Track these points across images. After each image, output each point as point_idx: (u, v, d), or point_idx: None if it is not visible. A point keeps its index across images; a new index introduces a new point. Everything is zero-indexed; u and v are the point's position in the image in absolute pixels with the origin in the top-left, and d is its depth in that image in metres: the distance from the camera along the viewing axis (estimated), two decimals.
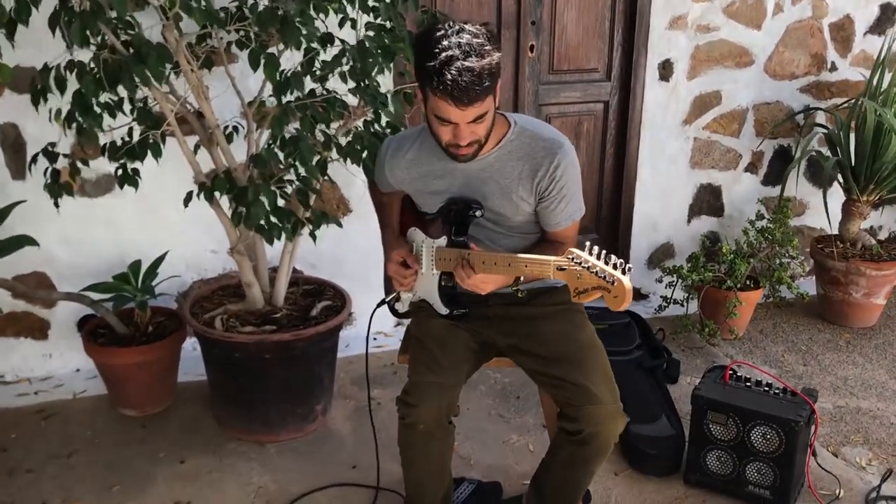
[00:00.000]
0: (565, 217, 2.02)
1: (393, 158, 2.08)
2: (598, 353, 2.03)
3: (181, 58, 2.36)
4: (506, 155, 1.98)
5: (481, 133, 1.86)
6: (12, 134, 2.89)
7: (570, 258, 1.66)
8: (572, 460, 2.01)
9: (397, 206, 2.22)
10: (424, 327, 2.08)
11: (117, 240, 3.05)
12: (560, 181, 1.97)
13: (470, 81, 1.71)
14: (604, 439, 1.94)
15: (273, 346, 2.58)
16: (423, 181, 2.04)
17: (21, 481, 2.52)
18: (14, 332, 3.09)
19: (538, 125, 2.04)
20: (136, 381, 2.80)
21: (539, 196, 1.99)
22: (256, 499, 2.46)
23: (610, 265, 1.62)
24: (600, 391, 1.92)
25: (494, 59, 1.76)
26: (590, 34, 3.54)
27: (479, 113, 1.79)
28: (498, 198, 2.00)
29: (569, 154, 1.99)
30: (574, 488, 2.09)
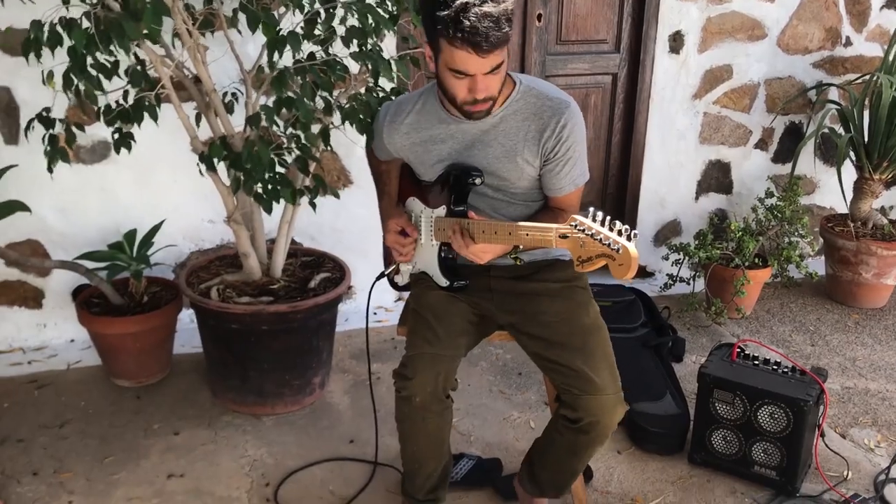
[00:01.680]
0: (569, 181, 1.95)
1: (392, 124, 2.01)
2: (601, 337, 1.96)
3: (178, 18, 2.28)
4: (511, 115, 1.91)
5: (496, 87, 1.79)
6: (5, 98, 2.82)
7: (572, 225, 1.58)
8: (569, 447, 1.95)
9: (396, 174, 2.15)
10: (423, 299, 2.02)
11: (112, 208, 2.99)
12: (567, 142, 1.90)
13: (489, 26, 1.65)
14: (603, 428, 1.88)
15: (270, 318, 2.52)
16: (423, 147, 1.97)
17: (12, 451, 2.48)
18: (8, 301, 3.03)
19: (544, 85, 1.97)
20: (130, 351, 2.74)
21: (544, 158, 1.92)
22: (251, 472, 2.41)
23: (615, 231, 1.54)
24: (602, 379, 1.86)
25: (510, 5, 1.70)
26: (599, 4, 3.45)
27: (497, 62, 1.72)
28: (502, 160, 1.93)
29: (576, 114, 1.92)
30: (569, 473, 2.04)
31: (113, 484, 2.35)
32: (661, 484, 2.42)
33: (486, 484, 2.37)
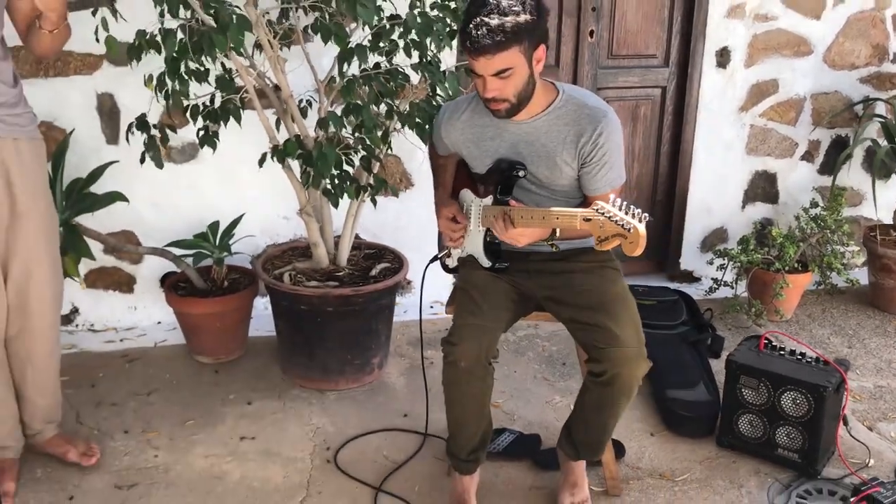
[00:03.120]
0: (605, 183, 2.17)
1: (449, 121, 2.27)
2: (628, 302, 2.17)
3: (261, 31, 2.60)
4: (553, 120, 2.14)
5: (508, 91, 2.01)
6: (108, 103, 3.19)
7: (595, 209, 1.81)
8: (598, 402, 2.16)
9: (452, 168, 2.40)
10: (469, 278, 2.27)
11: (198, 202, 3.32)
12: (602, 148, 2.11)
13: (483, 34, 1.90)
14: (626, 380, 2.08)
15: (335, 300, 2.81)
16: (476, 141, 2.22)
17: (106, 412, 2.81)
18: (104, 286, 3.39)
19: (585, 94, 2.20)
20: (211, 330, 3.07)
21: (581, 161, 2.14)
22: (314, 437, 2.69)
23: (629, 214, 1.76)
24: (625, 334, 2.06)
25: (519, 20, 1.91)
26: (649, 21, 3.66)
27: (500, 67, 1.95)
28: (543, 160, 2.16)
29: (612, 123, 2.13)
30: (601, 430, 2.23)
31: (193, 443, 2.65)
32: (690, 463, 2.60)
33: (525, 456, 2.59)
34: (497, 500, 2.41)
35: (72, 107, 3.10)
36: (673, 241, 3.95)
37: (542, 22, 1.99)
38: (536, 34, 1.98)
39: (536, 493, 2.45)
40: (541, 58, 2.04)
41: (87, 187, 2.91)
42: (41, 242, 2.29)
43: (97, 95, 3.16)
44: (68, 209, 2.82)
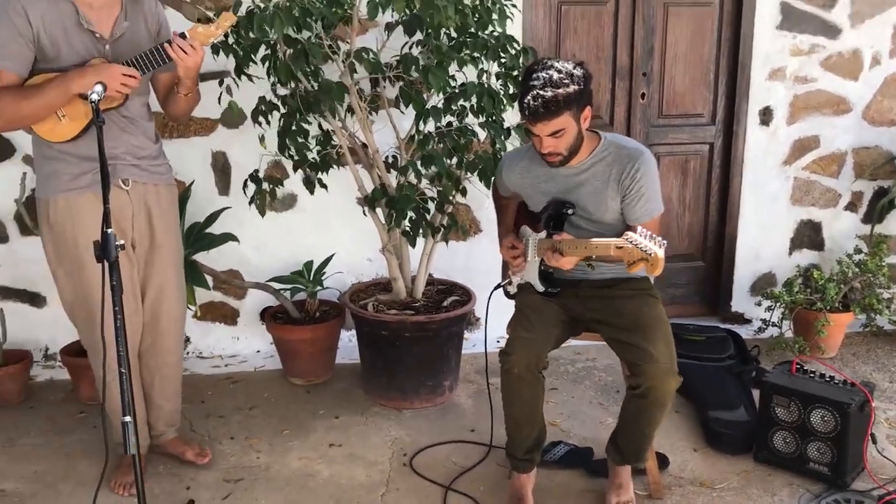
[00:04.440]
0: (644, 213, 2.52)
1: (509, 167, 2.68)
2: (662, 325, 2.51)
3: (353, 97, 3.10)
4: (598, 163, 2.53)
5: (562, 147, 2.41)
6: (221, 159, 3.73)
7: (625, 238, 2.18)
8: (636, 412, 2.49)
9: (513, 207, 2.81)
10: (525, 300, 2.66)
11: (294, 245, 3.81)
12: (640, 182, 2.48)
13: (539, 105, 2.31)
14: (660, 393, 2.40)
15: (411, 326, 3.22)
16: (532, 185, 2.63)
17: (214, 423, 3.26)
18: (212, 318, 3.89)
19: (623, 139, 2.59)
20: (304, 354, 3.51)
21: (622, 194, 2.51)
22: (393, 446, 3.07)
23: (652, 242, 2.13)
24: (658, 352, 2.40)
25: (569, 90, 2.32)
26: (696, 84, 4.05)
27: (553, 129, 2.36)
28: (591, 198, 2.54)
29: (648, 161, 2.50)
30: (641, 437, 2.55)
31: (288, 448, 3.07)
32: (728, 474, 2.88)
33: (578, 465, 2.92)
34: (552, 501, 2.74)
35: (191, 162, 3.64)
36: (723, 284, 4.25)
37: (586, 89, 2.39)
38: (583, 99, 2.39)
39: (587, 496, 2.77)
40: (587, 116, 2.44)
41: (205, 229, 3.42)
42: (172, 270, 2.79)
43: (212, 153, 3.71)
44: (189, 247, 3.33)
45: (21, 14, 2.41)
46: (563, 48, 3.92)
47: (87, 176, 2.55)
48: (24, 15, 2.41)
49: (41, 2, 2.44)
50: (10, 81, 2.42)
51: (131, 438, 2.03)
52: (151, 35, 2.65)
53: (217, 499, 2.74)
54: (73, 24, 2.48)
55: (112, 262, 2.06)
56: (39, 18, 2.43)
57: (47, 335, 3.75)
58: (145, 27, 2.64)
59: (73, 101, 2.45)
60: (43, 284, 3.71)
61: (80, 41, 2.49)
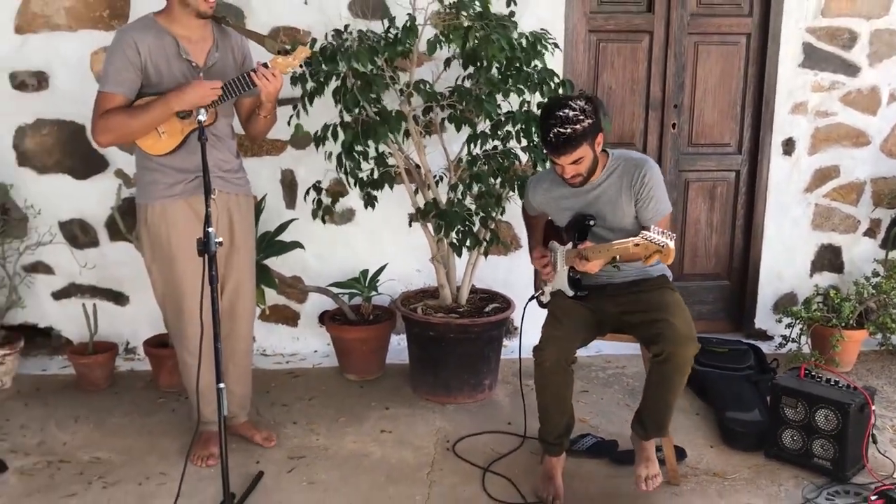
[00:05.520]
0: (657, 213, 2.87)
1: (534, 189, 3.06)
2: (681, 304, 2.85)
3: (410, 124, 3.50)
4: (610, 176, 2.89)
5: (582, 170, 2.79)
6: (289, 177, 4.15)
7: (641, 236, 2.53)
8: (658, 380, 2.80)
9: (540, 225, 3.17)
10: (557, 303, 3.01)
11: (351, 255, 4.20)
12: (648, 184, 2.84)
13: (560, 142, 2.69)
14: (679, 358, 2.70)
15: (456, 328, 3.59)
16: (556, 202, 2.99)
17: (279, 410, 3.65)
18: (275, 320, 4.30)
19: (628, 152, 2.97)
20: (358, 352, 3.90)
21: (635, 199, 2.86)
22: (437, 433, 3.43)
23: (664, 236, 2.48)
24: (677, 322, 2.73)
25: (584, 125, 2.69)
26: (723, 116, 4.38)
27: (573, 159, 2.74)
28: (609, 209, 2.90)
29: (652, 167, 2.88)
30: (663, 407, 2.85)
31: (344, 433, 3.44)
32: (740, 468, 3.18)
33: (604, 455, 3.24)
34: (580, 483, 3.06)
35: (263, 179, 4.07)
36: (747, 303, 4.54)
37: (597, 120, 2.77)
38: (596, 129, 2.77)
39: (612, 481, 3.09)
40: (600, 142, 2.82)
41: (275, 237, 3.84)
42: (247, 269, 3.20)
43: (281, 171, 4.14)
44: (260, 253, 3.73)
45: (132, 46, 2.85)
46: (601, 81, 4.29)
47: (180, 185, 2.97)
48: (134, 47, 2.86)
49: (148, 36, 2.89)
50: (121, 103, 2.87)
51: (223, 401, 2.42)
52: (237, 64, 3.08)
53: (283, 472, 3.12)
54: (174, 55, 2.92)
55: (212, 257, 2.47)
56: (147, 50, 2.87)
57: (129, 331, 4.18)
58: (232, 58, 3.08)
59: (171, 119, 2.88)
60: (127, 285, 4.16)
61: (179, 69, 2.93)
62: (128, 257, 4.06)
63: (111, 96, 2.84)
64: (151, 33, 2.88)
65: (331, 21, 3.79)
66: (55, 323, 4.18)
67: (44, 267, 4.10)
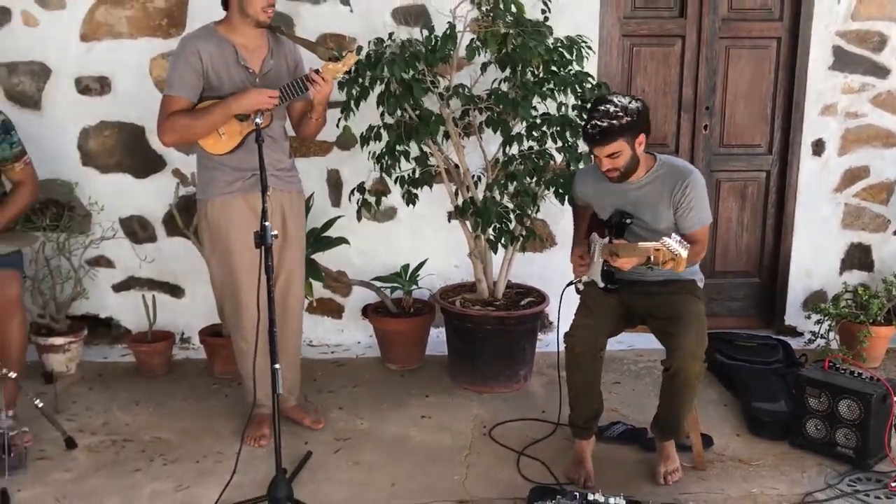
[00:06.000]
0: (695, 222, 2.99)
1: (580, 181, 3.21)
2: (696, 319, 2.95)
3: (450, 126, 3.69)
4: (653, 180, 3.02)
5: (619, 165, 2.91)
6: (335, 176, 4.37)
7: (661, 243, 2.66)
8: (668, 392, 2.97)
9: (585, 217, 3.29)
10: (589, 293, 3.17)
11: (392, 251, 4.40)
12: (689, 195, 2.96)
13: (596, 133, 2.83)
14: (685, 375, 2.87)
15: (493, 320, 3.77)
16: (598, 196, 3.14)
17: (325, 396, 3.87)
18: (320, 312, 4.52)
19: (675, 159, 3.09)
20: (399, 343, 4.10)
21: (675, 207, 2.99)
22: (474, 420, 3.61)
23: (680, 246, 2.62)
24: (686, 340, 2.86)
25: (622, 122, 2.82)
26: (754, 118, 4.50)
27: (609, 152, 2.87)
28: (648, 210, 3.04)
29: (696, 178, 2.98)
30: (674, 414, 3.01)
31: (387, 417, 3.64)
32: (765, 455, 3.31)
33: (633, 442, 3.40)
34: (610, 467, 3.22)
35: (310, 178, 4.27)
36: (777, 300, 4.66)
37: (639, 121, 2.89)
38: (636, 128, 2.89)
39: (640, 466, 3.24)
40: (641, 142, 2.94)
41: (322, 233, 4.05)
42: (298, 261, 3.41)
43: (327, 170, 4.36)
44: (309, 247, 3.95)
45: (195, 54, 3.09)
46: (634, 84, 4.44)
47: (238, 183, 3.20)
48: (197, 54, 3.09)
49: (210, 44, 3.12)
50: (185, 106, 3.10)
51: (279, 380, 2.64)
52: (290, 71, 3.30)
53: (330, 452, 3.33)
54: (233, 62, 3.14)
55: (268, 248, 2.68)
56: (208, 57, 3.10)
57: (184, 321, 4.43)
58: (286, 64, 3.30)
59: (231, 122, 3.11)
60: (183, 278, 4.41)
61: (237, 75, 3.15)
62: (183, 252, 4.31)
63: (176, 100, 3.08)
64: (213, 42, 3.10)
65: (374, 28, 4.00)
66: (115, 314, 4.44)
67: (105, 261, 4.37)
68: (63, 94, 4.19)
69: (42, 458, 3.25)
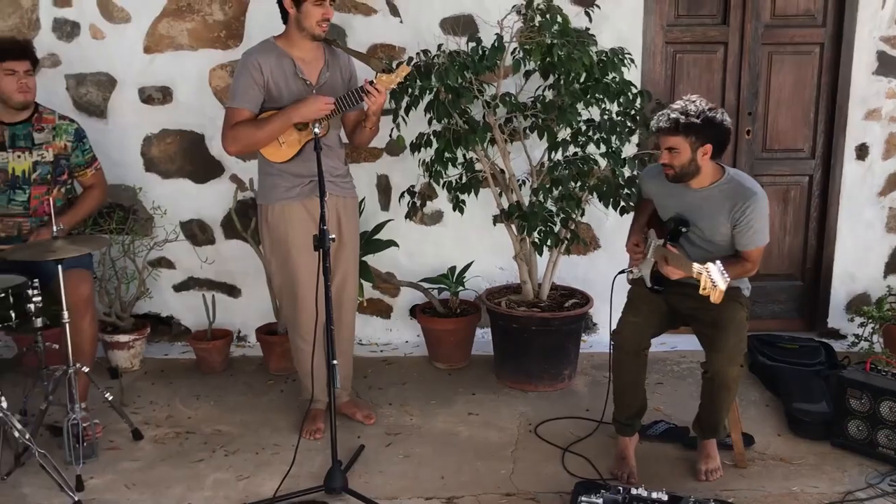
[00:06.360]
0: (750, 242, 3.02)
1: (647, 176, 3.26)
2: (736, 325, 3.01)
3: (496, 132, 3.82)
4: (717, 192, 3.04)
5: (675, 163, 2.96)
6: (384, 181, 4.52)
7: (706, 269, 2.72)
8: (707, 394, 3.06)
9: (646, 211, 3.35)
10: (637, 291, 3.26)
11: (439, 254, 4.55)
12: (748, 217, 2.97)
13: (663, 122, 2.89)
14: (722, 379, 2.96)
15: (538, 321, 3.89)
16: (662, 196, 3.19)
17: (375, 393, 4.02)
18: (370, 312, 4.67)
19: (744, 177, 3.07)
20: (447, 342, 4.23)
21: (733, 224, 3.01)
22: (520, 417, 3.73)
23: (721, 278, 2.68)
24: (725, 346, 2.94)
25: (689, 121, 2.86)
26: (797, 122, 4.55)
27: (669, 146, 2.93)
28: (706, 219, 3.07)
29: (760, 200, 2.96)
30: (713, 416, 3.10)
31: (435, 414, 3.78)
32: (806, 454, 3.38)
33: (675, 440, 3.49)
34: (652, 463, 3.31)
35: (361, 183, 4.43)
36: (820, 303, 4.69)
37: (708, 129, 2.90)
38: (702, 135, 2.90)
39: (681, 463, 3.33)
40: (706, 151, 2.95)
41: (373, 236, 4.21)
42: (352, 262, 3.57)
43: (377, 176, 4.51)
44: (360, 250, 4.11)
45: (257, 68, 3.26)
46: (677, 91, 4.51)
47: (296, 189, 3.36)
48: (258, 68, 3.26)
49: (270, 58, 3.28)
50: (247, 117, 3.27)
51: (337, 375, 2.79)
52: (345, 82, 3.46)
53: (381, 445, 3.47)
54: (292, 74, 3.31)
55: (326, 251, 2.83)
56: (269, 70, 3.27)
57: (240, 320, 4.62)
58: (340, 76, 3.45)
59: (290, 131, 3.27)
60: (240, 279, 4.60)
61: (295, 87, 3.32)
62: (240, 254, 4.50)
63: (239, 111, 3.25)
64: (273, 55, 3.27)
65: (423, 38, 4.15)
66: (175, 312, 4.65)
67: (166, 262, 4.58)
68: (127, 103, 4.42)
69: (111, 448, 3.46)
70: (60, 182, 3.64)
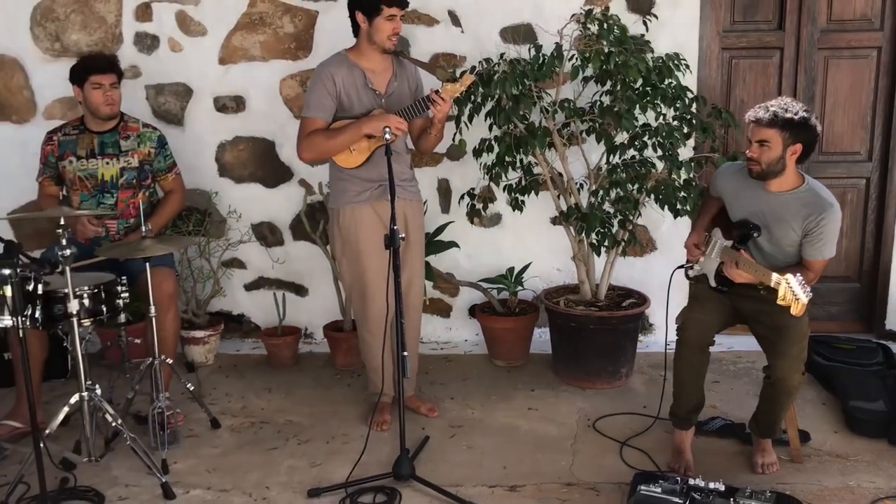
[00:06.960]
0: (818, 253, 3.05)
1: (723, 174, 3.30)
2: (798, 332, 3.06)
3: (555, 137, 3.96)
4: (794, 199, 3.08)
5: (763, 158, 2.98)
6: (444, 185, 4.69)
7: (786, 280, 2.78)
8: (767, 397, 3.14)
9: (712, 207, 3.39)
10: (699, 289, 3.34)
11: (497, 255, 4.69)
12: (821, 228, 2.97)
13: (763, 113, 2.93)
14: (784, 385, 3.03)
15: (596, 320, 4.01)
16: (734, 194, 3.22)
17: (437, 388, 4.18)
18: (431, 311, 4.84)
19: (822, 188, 3.05)
20: (505, 341, 4.38)
21: (804, 233, 3.05)
22: (578, 413, 3.85)
23: (803, 291, 2.74)
24: (789, 353, 3.01)
25: (786, 116, 2.88)
26: (854, 126, 4.60)
27: (760, 138, 2.95)
28: (778, 223, 3.10)
29: (834, 213, 2.97)
30: (772, 417, 3.18)
31: (496, 408, 3.92)
32: (862, 451, 3.44)
33: (731, 436, 3.57)
34: (709, 457, 3.40)
35: (422, 186, 4.55)
36: (878, 305, 4.72)
37: (802, 130, 2.93)
38: (796, 133, 2.91)
39: (737, 457, 3.42)
40: (795, 152, 2.98)
41: (435, 237, 4.38)
42: (418, 261, 3.74)
43: (438, 179, 4.68)
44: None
45: (330, 79, 3.45)
46: (733, 96, 4.60)
47: (366, 193, 3.54)
48: (331, 80, 3.45)
49: (342, 69, 3.47)
50: (321, 126, 3.46)
51: (408, 365, 2.96)
52: (411, 91, 3.63)
53: (445, 437, 3.63)
54: (362, 85, 3.49)
55: (396, 250, 3.01)
56: (341, 81, 3.46)
57: (307, 318, 4.83)
58: (407, 86, 3.63)
59: (361, 139, 3.45)
60: (307, 279, 4.81)
61: (366, 97, 3.50)
62: (308, 255, 4.71)
63: (313, 121, 3.45)
64: (344, 67, 3.46)
65: (484, 47, 4.31)
66: (246, 310, 4.88)
67: (238, 262, 4.81)
68: (203, 111, 4.66)
69: (191, 436, 3.68)
70: (144, 186, 3.88)
